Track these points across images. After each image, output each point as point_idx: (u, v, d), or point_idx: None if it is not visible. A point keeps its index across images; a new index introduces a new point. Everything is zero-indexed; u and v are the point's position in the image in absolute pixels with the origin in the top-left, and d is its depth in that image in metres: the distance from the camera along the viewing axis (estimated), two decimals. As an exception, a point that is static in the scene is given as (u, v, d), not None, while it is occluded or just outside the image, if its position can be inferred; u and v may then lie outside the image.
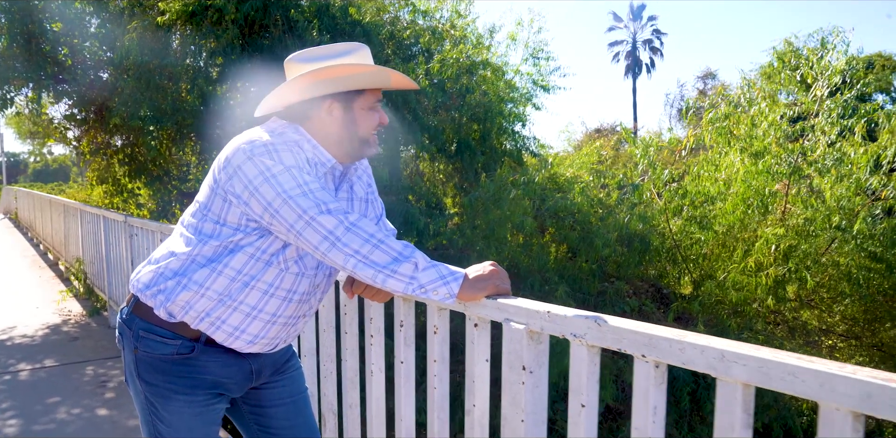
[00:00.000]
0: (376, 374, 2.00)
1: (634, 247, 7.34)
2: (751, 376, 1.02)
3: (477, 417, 1.60)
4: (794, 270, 7.02)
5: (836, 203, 6.88)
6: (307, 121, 1.67)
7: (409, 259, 1.48)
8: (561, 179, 10.65)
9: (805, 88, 8.27)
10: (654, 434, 1.20)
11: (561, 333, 1.34)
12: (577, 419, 1.33)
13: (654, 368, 1.18)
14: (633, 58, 45.66)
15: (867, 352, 8.53)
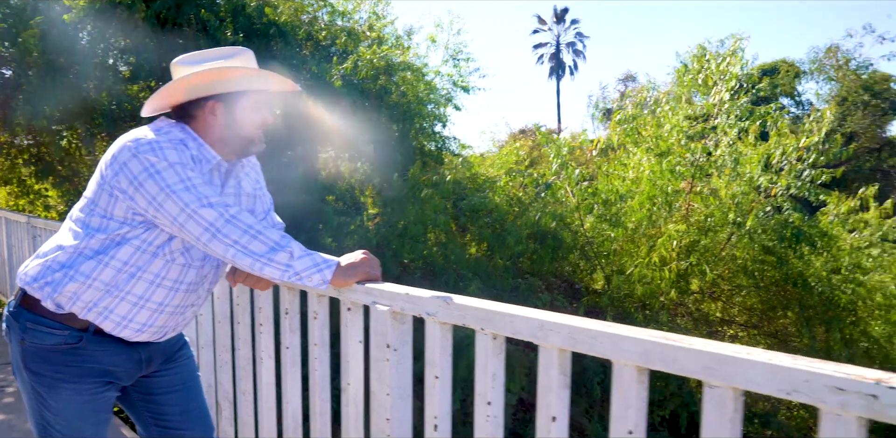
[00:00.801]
0: (266, 361, 2.10)
1: (547, 244, 7.60)
2: (564, 341, 1.18)
3: (352, 395, 1.72)
4: (696, 264, 7.42)
5: (731, 200, 7.31)
6: (193, 121, 1.77)
7: (285, 248, 1.60)
8: (481, 179, 10.89)
9: (708, 92, 8.73)
10: (492, 399, 1.35)
11: (418, 312, 1.48)
12: (433, 390, 1.47)
13: (492, 339, 1.33)
14: (556, 60, 46.65)
15: (765, 340, 9.06)
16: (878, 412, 0.83)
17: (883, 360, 8.56)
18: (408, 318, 1.57)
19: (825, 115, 7.30)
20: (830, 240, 7.83)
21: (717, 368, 0.98)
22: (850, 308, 8.08)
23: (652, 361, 1.05)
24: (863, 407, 0.84)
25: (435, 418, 1.47)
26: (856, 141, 27.25)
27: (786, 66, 27.70)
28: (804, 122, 7.37)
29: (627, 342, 1.08)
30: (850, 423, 0.86)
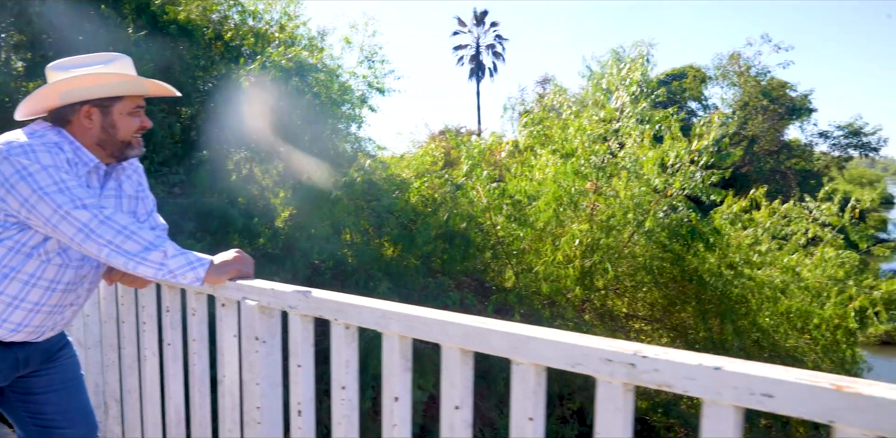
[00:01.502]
0: (150, 358, 2.16)
1: (456, 244, 7.79)
2: (403, 328, 1.32)
3: (227, 386, 1.81)
4: (599, 262, 7.75)
5: (631, 201, 7.67)
6: (69, 125, 1.81)
7: (159, 247, 1.67)
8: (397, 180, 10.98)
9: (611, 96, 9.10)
10: (347, 383, 1.47)
11: (282, 306, 1.59)
12: (296, 378, 1.58)
13: (345, 329, 1.45)
14: (476, 62, 47.22)
15: (668, 333, 9.52)
16: (636, 377, 0.99)
17: (772, 348, 9.12)
18: (276, 312, 1.67)
19: (713, 120, 7.75)
20: (723, 238, 8.31)
21: (520, 347, 1.12)
22: (741, 301, 8.59)
23: (472, 343, 1.20)
24: (625, 374, 1.00)
25: (299, 404, 1.58)
26: (757, 143, 28.74)
27: (693, 71, 28.92)
28: (695, 126, 7.78)
29: (453, 327, 1.22)
30: (617, 389, 1.02)
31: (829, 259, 9.59)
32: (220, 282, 1.72)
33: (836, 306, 9.28)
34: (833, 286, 9.49)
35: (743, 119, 28.13)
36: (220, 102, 7.99)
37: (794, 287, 9.30)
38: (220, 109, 7.90)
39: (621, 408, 1.02)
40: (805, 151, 29.54)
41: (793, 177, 28.19)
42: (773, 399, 0.87)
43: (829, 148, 29.61)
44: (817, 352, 9.53)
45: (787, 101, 28.39)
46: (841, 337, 9.33)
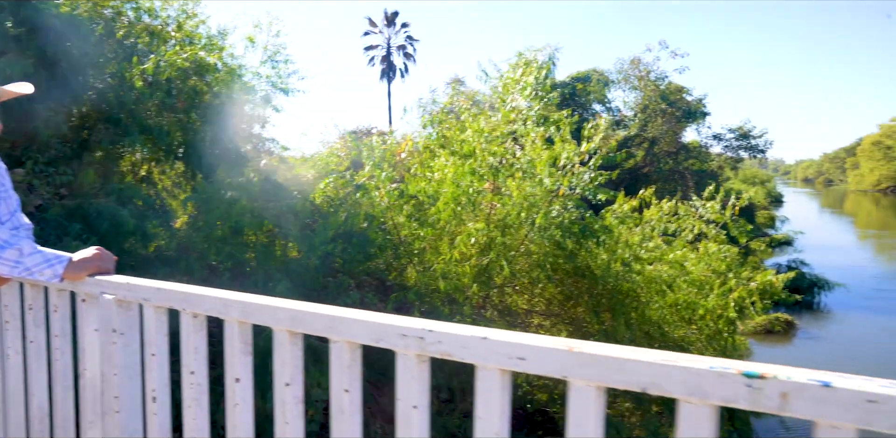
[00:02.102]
0: (13, 357, 2.18)
1: (354, 244, 7.89)
2: (241, 314, 1.44)
3: (89, 379, 1.88)
4: (495, 260, 8.02)
5: (525, 200, 7.97)
6: (-76, 128, 1.85)
7: (14, 246, 1.73)
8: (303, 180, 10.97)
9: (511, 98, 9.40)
10: (196, 369, 1.58)
11: (138, 299, 1.68)
12: (151, 366, 1.68)
13: (193, 318, 1.56)
14: (387, 62, 47.33)
15: (565, 327, 9.91)
16: (425, 349, 1.15)
17: (661, 339, 9.63)
18: (133, 305, 1.75)
19: (600, 124, 8.16)
20: (613, 235, 8.75)
21: (335, 327, 1.27)
22: (631, 295, 9.06)
23: (297, 325, 1.33)
24: (417, 347, 1.16)
25: (153, 391, 1.68)
26: (657, 145, 30.03)
27: (597, 74, 29.92)
28: (584, 129, 8.16)
29: (281, 312, 1.36)
30: (412, 360, 1.18)
31: (713, 253, 10.20)
32: (80, 279, 1.79)
33: (719, 297, 9.89)
34: (716, 279, 10.12)
35: (643, 121, 29.36)
36: (113, 102, 7.81)
37: (681, 280, 9.87)
38: (113, 109, 7.72)
39: (416, 377, 1.18)
40: (701, 152, 31.04)
41: (690, 176, 29.59)
42: (525, 361, 1.04)
43: (722, 149, 31.26)
44: (702, 341, 10.11)
45: (683, 105, 29.77)
46: (723, 326, 9.92)
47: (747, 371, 0.86)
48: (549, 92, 9.06)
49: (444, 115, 8.94)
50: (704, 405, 0.90)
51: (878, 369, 15.93)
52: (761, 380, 0.84)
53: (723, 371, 0.87)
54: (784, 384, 0.83)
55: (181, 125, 8.75)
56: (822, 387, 0.81)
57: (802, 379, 0.82)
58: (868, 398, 0.78)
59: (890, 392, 0.77)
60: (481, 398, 1.11)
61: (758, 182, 76.06)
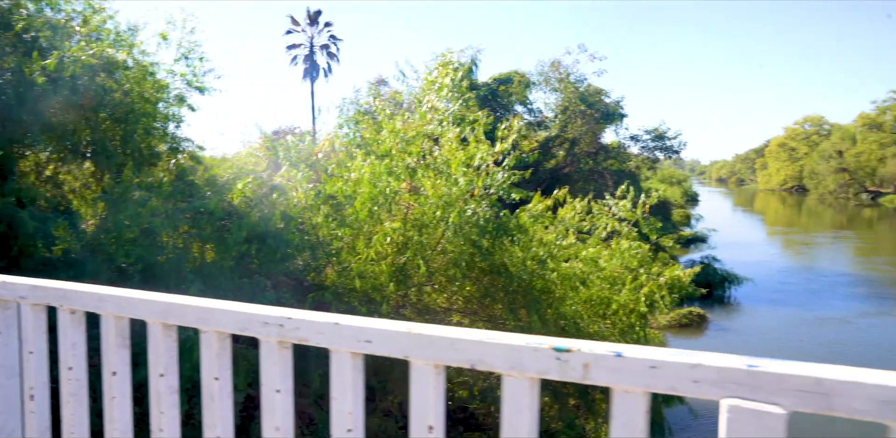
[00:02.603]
0: None
1: (268, 245, 7.84)
2: (116, 309, 1.48)
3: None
4: (412, 258, 8.11)
5: (440, 199, 8.09)
6: None
7: None
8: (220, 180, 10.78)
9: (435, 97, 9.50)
10: (74, 364, 1.60)
11: (15, 298, 1.68)
12: (29, 364, 1.69)
13: (70, 314, 1.59)
14: (310, 61, 46.79)
15: (483, 324, 10.09)
16: (285, 335, 1.23)
17: (576, 334, 9.93)
18: (11, 304, 1.75)
19: (513, 125, 8.36)
20: (528, 234, 8.97)
21: (205, 317, 1.33)
22: (546, 291, 9.31)
23: (169, 317, 1.38)
24: (278, 333, 1.23)
25: (31, 389, 1.69)
26: (577, 145, 30.77)
27: (518, 76, 30.41)
28: (498, 129, 8.34)
29: (154, 305, 1.40)
30: (273, 346, 1.26)
31: (625, 250, 10.58)
32: None
33: (630, 292, 10.26)
34: (628, 274, 10.50)
35: (564, 122, 30.04)
36: (12, 99, 7.51)
37: (595, 276, 10.20)
38: (12, 106, 7.43)
39: (278, 363, 1.25)
40: (620, 153, 31.96)
41: (609, 176, 30.43)
42: (372, 344, 1.13)
43: (639, 150, 32.27)
44: (616, 335, 10.46)
45: (602, 107, 30.62)
46: (635, 320, 10.29)
47: (557, 346, 0.96)
48: (465, 93, 9.22)
49: (361, 116, 8.98)
50: (523, 377, 1.00)
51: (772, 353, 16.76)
52: (568, 353, 0.95)
53: (537, 347, 0.98)
54: (586, 355, 0.94)
55: (89, 124, 8.49)
56: (616, 357, 0.92)
57: (601, 351, 0.94)
58: (650, 364, 0.90)
59: (667, 358, 0.89)
60: (336, 379, 1.18)
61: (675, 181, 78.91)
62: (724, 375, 0.86)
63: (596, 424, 10.65)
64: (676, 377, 0.89)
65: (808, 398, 0.81)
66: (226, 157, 13.12)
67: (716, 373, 0.86)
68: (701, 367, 0.87)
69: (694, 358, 0.88)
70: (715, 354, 0.89)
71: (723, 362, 0.87)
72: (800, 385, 0.82)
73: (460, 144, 8.40)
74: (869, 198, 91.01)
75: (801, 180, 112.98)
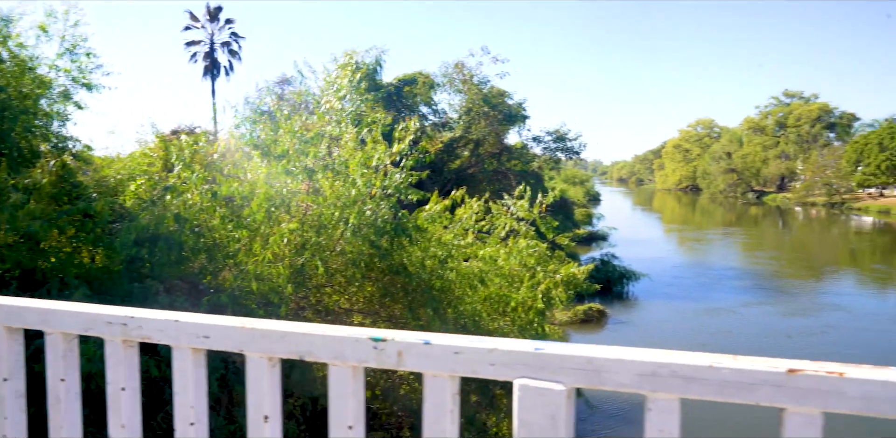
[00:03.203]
0: None
1: (160, 248, 7.63)
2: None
3: None
4: (310, 260, 8.07)
5: (337, 200, 8.10)
6: None
7: None
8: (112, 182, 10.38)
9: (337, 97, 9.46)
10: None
11: None
12: None
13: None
14: (211, 59, 45.45)
15: (384, 325, 10.14)
16: (129, 334, 1.26)
17: (477, 332, 10.13)
18: None
19: (409, 126, 8.46)
20: (427, 234, 9.09)
21: (49, 319, 1.34)
22: (445, 290, 9.46)
23: (13, 321, 1.38)
24: (121, 332, 1.26)
25: None
26: (482, 146, 31.26)
27: (423, 77, 30.58)
28: (395, 130, 8.42)
29: (4, 309, 1.40)
30: (118, 345, 1.28)
31: (523, 249, 10.87)
32: None
33: (528, 290, 10.56)
34: (526, 272, 10.79)
35: (468, 123, 30.44)
36: None
37: (493, 275, 10.43)
38: None
39: (124, 362, 1.28)
40: (522, 154, 32.65)
41: (513, 177, 31.06)
42: (210, 339, 1.18)
43: (541, 151, 33.08)
44: (515, 332, 10.72)
45: (505, 108, 31.21)
46: (533, 316, 10.58)
47: (374, 336, 1.04)
48: (364, 94, 9.26)
49: (259, 116, 8.86)
50: (346, 366, 1.08)
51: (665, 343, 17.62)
52: (384, 343, 1.03)
53: (357, 338, 1.06)
54: (399, 344, 1.03)
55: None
56: (424, 345, 1.01)
57: (412, 340, 1.02)
58: (455, 350, 0.99)
59: (469, 345, 0.99)
60: (178, 375, 1.22)
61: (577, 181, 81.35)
62: (516, 358, 0.96)
63: (497, 419, 10.90)
64: (477, 361, 0.98)
65: (583, 375, 0.92)
66: (120, 157, 12.64)
67: (508, 356, 0.97)
68: (496, 351, 0.97)
69: (490, 343, 0.98)
70: (509, 340, 0.99)
71: (514, 346, 0.97)
72: (576, 364, 0.93)
73: (359, 145, 8.42)
74: (755, 196, 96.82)
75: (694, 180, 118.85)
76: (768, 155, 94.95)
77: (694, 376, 0.86)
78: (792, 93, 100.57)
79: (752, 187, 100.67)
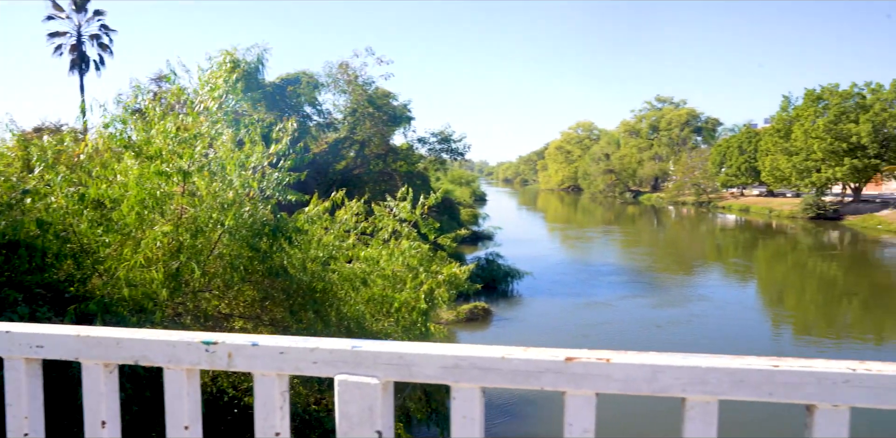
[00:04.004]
0: None
1: (19, 254, 7.20)
2: None
3: None
4: (186, 263, 7.85)
5: (214, 201, 7.92)
6: None
7: None
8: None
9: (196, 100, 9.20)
10: None
11: None
12: None
13: None
14: (79, 52, 42.85)
15: (266, 329, 10.00)
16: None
17: (360, 334, 10.17)
18: None
19: (287, 127, 8.40)
20: (307, 236, 9.05)
21: None
22: (327, 292, 9.44)
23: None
24: None
25: None
26: (367, 147, 31.21)
27: (307, 77, 30.17)
28: (273, 131, 8.34)
29: None
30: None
31: (405, 250, 11.00)
32: None
33: (411, 290, 10.70)
34: (408, 273, 10.94)
35: (353, 124, 30.34)
36: None
37: (376, 276, 10.51)
38: None
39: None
40: (408, 155, 32.89)
41: (399, 177, 31.22)
42: (44, 349, 1.19)
43: (426, 152, 33.44)
44: (399, 332, 10.85)
45: (390, 110, 31.34)
46: (417, 316, 10.74)
47: (205, 340, 1.10)
48: (240, 94, 9.09)
49: (131, 115, 8.51)
50: (180, 369, 1.13)
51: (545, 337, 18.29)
52: (215, 345, 1.10)
53: (189, 341, 1.11)
54: (229, 346, 1.09)
55: None
56: (252, 346, 1.08)
57: (240, 342, 1.09)
58: (280, 350, 1.07)
59: (292, 345, 1.07)
60: (11, 386, 1.23)
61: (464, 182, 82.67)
62: (335, 355, 1.05)
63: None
64: (300, 359, 1.06)
65: (395, 369, 1.02)
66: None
67: (329, 355, 1.05)
68: (318, 350, 1.06)
69: (313, 343, 1.07)
70: (330, 339, 1.07)
71: (334, 345, 1.06)
72: (389, 359, 1.02)
73: (237, 146, 8.27)
74: (631, 196, 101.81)
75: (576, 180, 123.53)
76: (643, 156, 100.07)
77: (490, 367, 0.98)
78: (663, 99, 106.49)
79: (629, 187, 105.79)
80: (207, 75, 8.61)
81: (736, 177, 75.79)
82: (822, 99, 59.96)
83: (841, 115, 56.57)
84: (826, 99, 59.58)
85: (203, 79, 8.70)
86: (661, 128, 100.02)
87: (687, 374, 0.93)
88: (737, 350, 17.18)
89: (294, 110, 29.18)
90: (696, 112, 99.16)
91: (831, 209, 57.52)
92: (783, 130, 63.36)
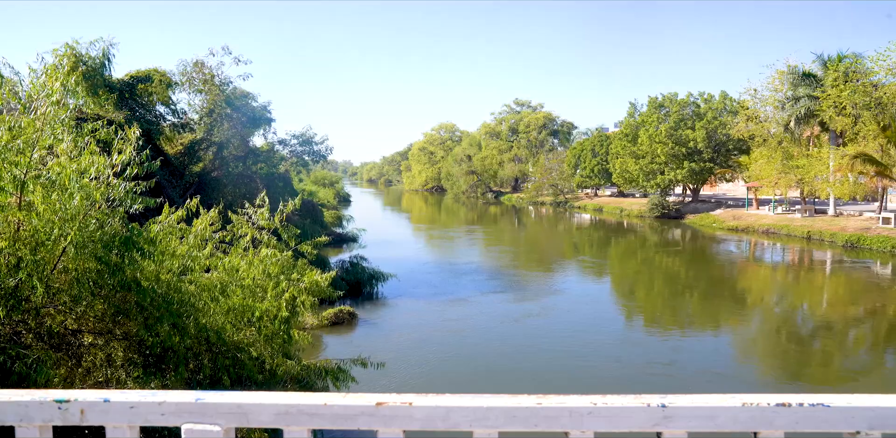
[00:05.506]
0: None
1: None
2: None
3: None
4: (27, 280, 7.41)
5: (56, 214, 7.52)
6: None
7: None
8: None
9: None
10: None
11: None
12: None
13: None
14: None
15: (120, 343, 9.59)
16: None
17: (220, 344, 9.98)
18: None
19: (129, 136, 8.12)
20: (161, 246, 8.78)
21: None
22: (185, 304, 9.20)
23: None
24: None
25: None
26: (226, 149, 30.26)
27: (159, 75, 28.79)
28: (114, 140, 8.04)
29: None
30: None
31: (265, 258, 10.91)
32: None
33: (273, 299, 10.63)
34: (270, 282, 10.85)
35: (210, 125, 29.33)
36: None
37: (235, 286, 10.35)
38: None
39: None
40: (269, 157, 32.21)
41: (260, 180, 30.53)
42: None
43: (288, 154, 32.93)
44: (261, 342, 10.73)
45: (249, 111, 30.58)
46: (279, 325, 10.68)
47: (58, 398, 1.20)
48: (81, 96, 8.67)
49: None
50: (33, 427, 1.22)
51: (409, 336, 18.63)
52: (67, 403, 1.20)
53: (42, 400, 1.21)
54: (82, 403, 1.20)
55: None
56: (104, 402, 1.20)
57: (92, 398, 1.20)
58: (130, 405, 1.19)
59: (142, 399, 1.20)
60: None
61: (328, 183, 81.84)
62: (181, 407, 1.19)
63: None
64: (150, 412, 1.19)
65: (235, 417, 1.18)
66: None
67: (175, 407, 1.19)
68: (166, 403, 1.19)
69: (160, 396, 1.20)
70: (174, 392, 1.21)
71: (180, 398, 1.19)
72: (228, 409, 1.17)
73: (79, 152, 7.89)
74: (493, 196, 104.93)
75: (439, 181, 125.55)
76: (504, 158, 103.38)
77: (315, 412, 1.16)
78: (522, 102, 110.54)
79: (490, 188, 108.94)
80: (41, 78, 8.13)
81: (590, 178, 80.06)
82: (664, 106, 64.88)
83: (680, 122, 61.46)
84: (667, 106, 64.52)
85: (35, 83, 8.19)
86: (521, 130, 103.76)
87: (472, 412, 1.15)
88: (591, 340, 18.35)
89: (146, 109, 27.80)
90: (552, 115, 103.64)
91: (674, 209, 62.18)
92: (631, 135, 67.74)
